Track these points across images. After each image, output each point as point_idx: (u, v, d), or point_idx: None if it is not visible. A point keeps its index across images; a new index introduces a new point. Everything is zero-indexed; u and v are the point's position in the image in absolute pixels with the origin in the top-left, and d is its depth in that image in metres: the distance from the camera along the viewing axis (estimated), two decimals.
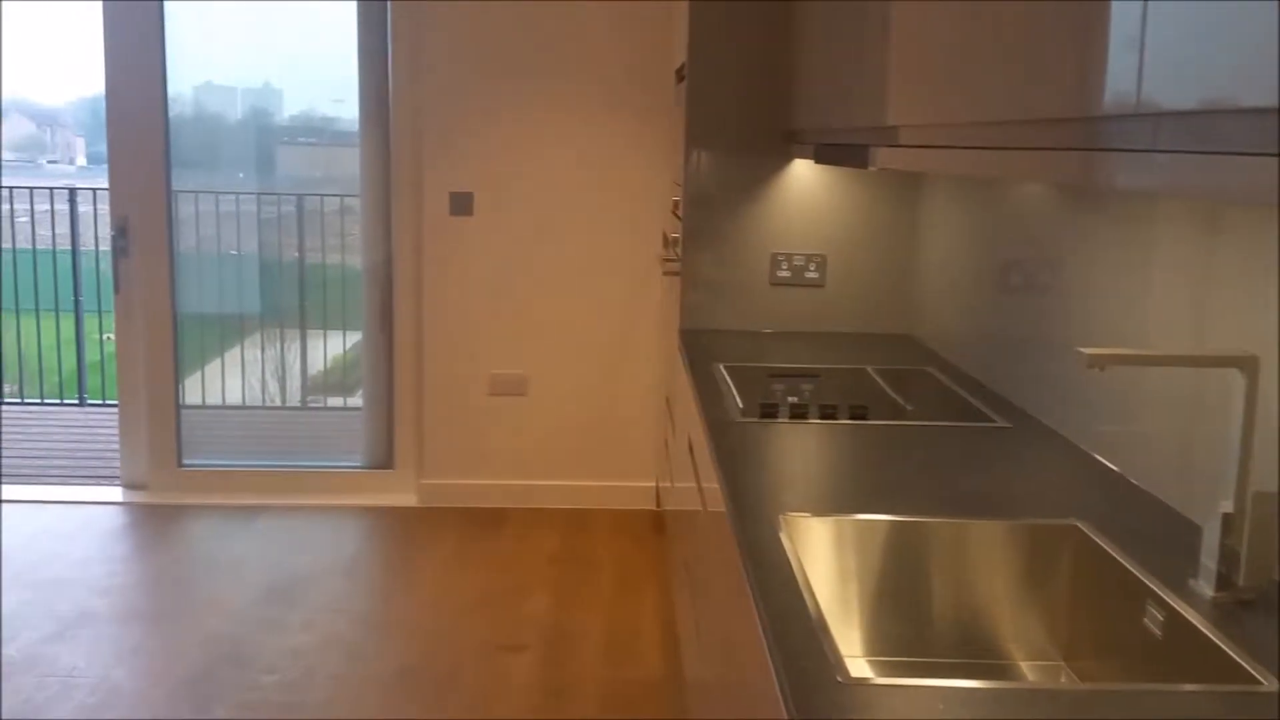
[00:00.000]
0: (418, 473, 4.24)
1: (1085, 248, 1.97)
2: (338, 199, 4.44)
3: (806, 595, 1.34)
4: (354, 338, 4.60)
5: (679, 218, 3.21)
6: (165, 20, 4.00)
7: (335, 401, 4.73)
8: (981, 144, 1.42)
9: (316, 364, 4.62)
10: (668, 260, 3.44)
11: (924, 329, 2.98)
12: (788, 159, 3.00)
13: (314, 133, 4.41)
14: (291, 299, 4.50)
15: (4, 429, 5.40)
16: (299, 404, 4.69)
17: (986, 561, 1.62)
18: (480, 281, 4.10)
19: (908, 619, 1.64)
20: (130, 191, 4.09)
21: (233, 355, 4.49)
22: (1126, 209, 1.82)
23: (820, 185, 3.02)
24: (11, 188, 6.60)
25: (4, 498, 4.15)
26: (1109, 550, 1.47)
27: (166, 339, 4.19)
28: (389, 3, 4.00)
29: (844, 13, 2.17)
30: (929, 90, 1.69)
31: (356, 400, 4.56)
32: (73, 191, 5.96)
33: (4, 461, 4.75)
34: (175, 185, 4.13)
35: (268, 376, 4.52)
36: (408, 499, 4.24)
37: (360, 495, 4.25)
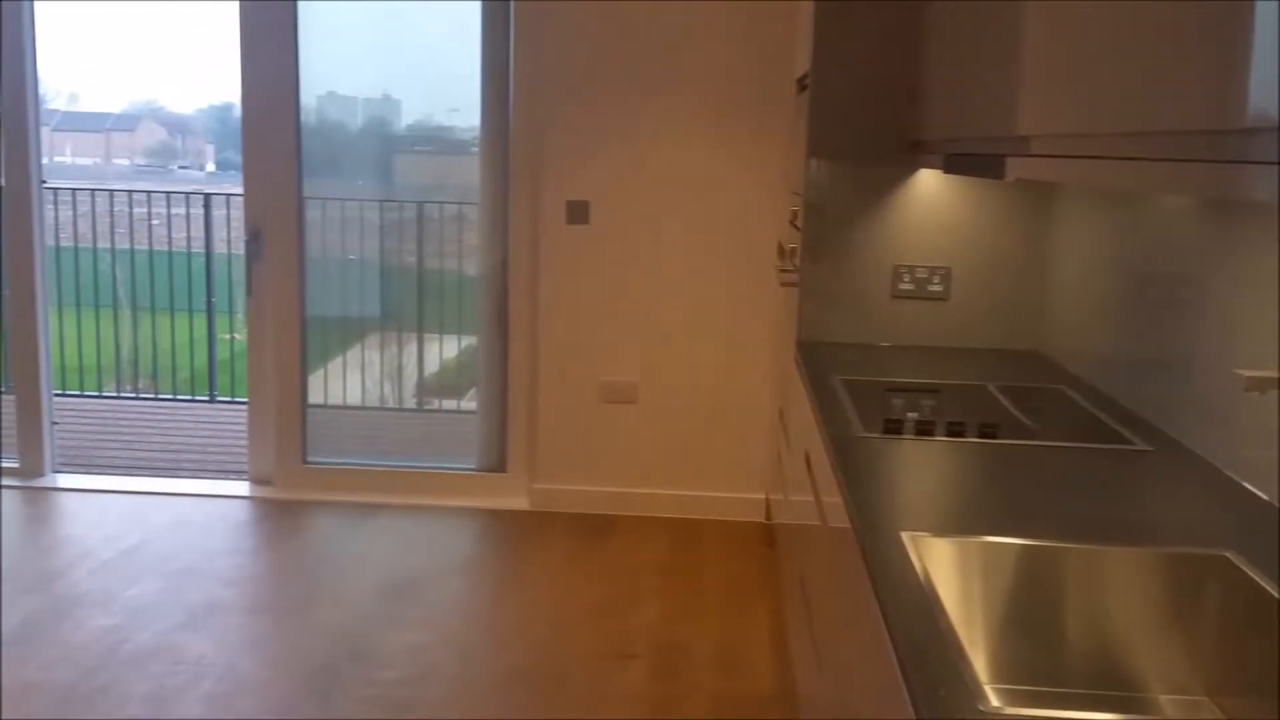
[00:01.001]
0: (529, 477, 4.29)
1: (1233, 262, 1.88)
2: (453, 206, 4.53)
3: (941, 618, 1.31)
4: (466, 342, 4.68)
5: (797, 228, 3.18)
6: (299, 31, 4.14)
7: (449, 404, 4.82)
8: (1118, 155, 1.37)
9: (431, 367, 4.72)
10: (784, 271, 3.41)
11: (1054, 345, 2.89)
12: (913, 169, 2.94)
13: (430, 141, 4.51)
14: (409, 303, 4.61)
15: (140, 423, 5.65)
16: (415, 406, 4.79)
17: (1125, 590, 1.56)
18: (594, 289, 4.13)
19: (1037, 647, 1.59)
20: (264, 198, 4.24)
21: (352, 357, 4.61)
22: (1276, 221, 1.73)
23: (946, 196, 2.96)
24: (148, 192, 6.94)
25: (140, 489, 4.34)
26: (1263, 584, 1.40)
27: (295, 340, 4.32)
28: (512, 3, 4.06)
29: (975, 17, 2.12)
30: (1063, 99, 1.64)
31: (469, 403, 4.64)
32: (207, 197, 6.21)
33: (141, 455, 4.98)
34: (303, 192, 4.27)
35: (385, 378, 4.63)
36: (519, 502, 4.29)
37: (473, 497, 4.32)
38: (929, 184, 2.96)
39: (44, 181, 4.38)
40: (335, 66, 4.24)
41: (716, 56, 3.94)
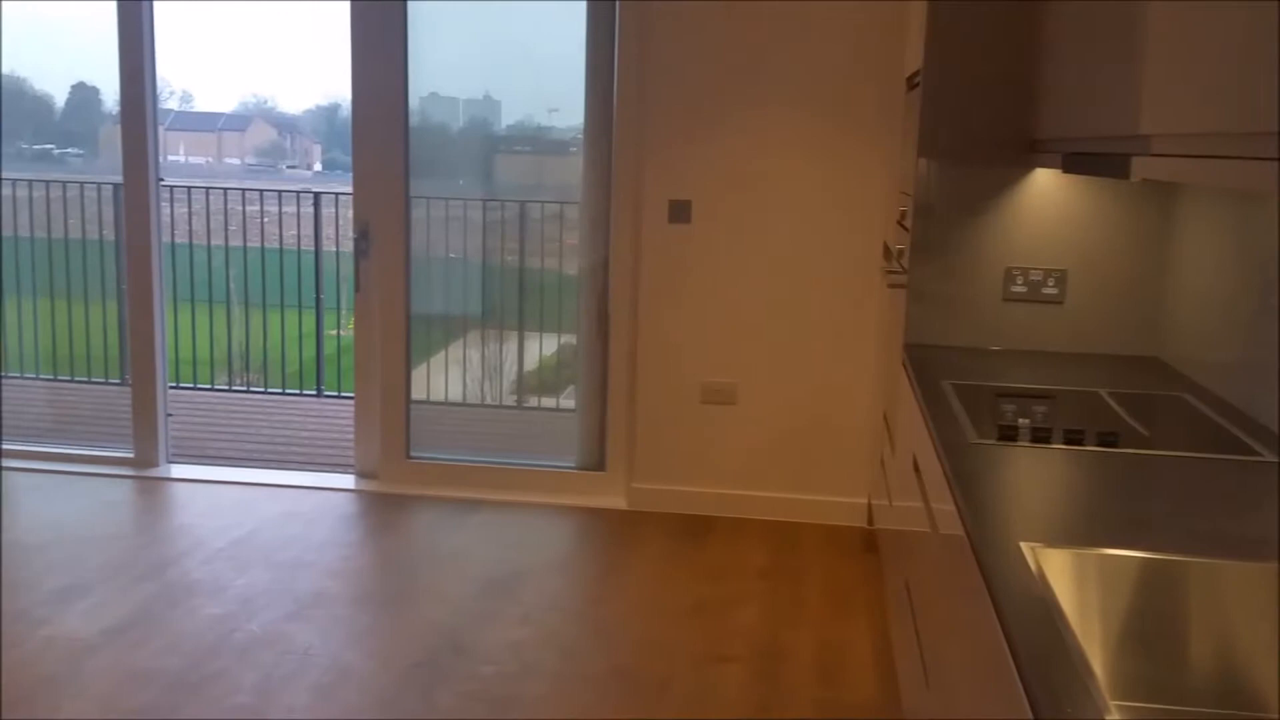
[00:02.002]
0: (628, 476, 4.30)
1: None
2: (553, 205, 4.57)
3: (1066, 632, 1.26)
4: (564, 340, 4.72)
5: (905, 229, 3.12)
6: (409, 33, 4.21)
7: (548, 402, 4.86)
8: (1248, 154, 1.31)
9: (530, 365, 4.76)
10: (891, 272, 3.35)
11: (1174, 351, 2.78)
12: (1028, 169, 2.86)
13: (529, 142, 4.55)
14: (509, 301, 4.66)
15: (249, 416, 5.82)
16: (514, 403, 4.84)
17: (1249, 607, 1.49)
18: (695, 289, 4.11)
19: (1158, 663, 1.52)
20: (372, 196, 4.33)
21: (453, 353, 4.68)
22: None
23: (1062, 196, 2.87)
24: (260, 191, 7.15)
25: (250, 481, 4.47)
26: None
27: (400, 337, 4.40)
28: (618, 2, 4.07)
29: (1095, 13, 2.05)
30: (1188, 97, 1.57)
31: (567, 401, 4.67)
32: (316, 195, 6.37)
33: (251, 447, 5.13)
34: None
35: (485, 375, 4.69)
36: (617, 501, 4.30)
37: (572, 495, 4.35)
38: (1044, 183, 2.88)
39: (161, 179, 4.53)
40: (438, 68, 4.30)
41: (822, 55, 3.90)
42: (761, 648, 3.12)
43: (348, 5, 4.20)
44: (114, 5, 4.29)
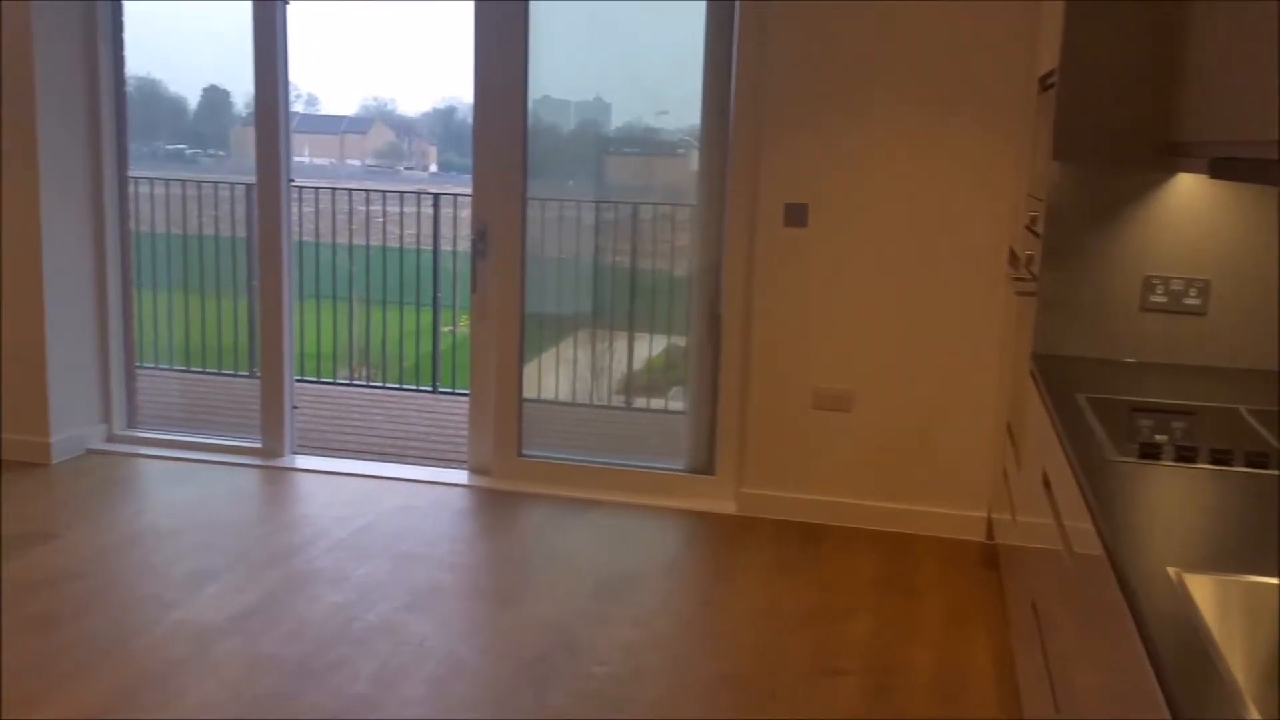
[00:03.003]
0: (738, 481, 4.27)
1: None
2: (661, 207, 4.57)
3: (1220, 662, 1.19)
4: (673, 342, 4.71)
5: (1035, 234, 3.02)
6: (530, 38, 4.26)
7: (657, 403, 4.86)
8: None
9: (639, 366, 4.77)
10: (1019, 280, 3.25)
11: None
12: (1169, 173, 2.74)
13: (638, 143, 4.57)
14: (618, 302, 4.67)
15: (368, 410, 5.95)
16: (623, 404, 4.85)
17: None
18: (810, 294, 4.06)
19: None
20: (491, 198, 4.39)
21: (564, 353, 4.72)
22: None
23: (1206, 203, 2.74)
24: (382, 191, 7.33)
25: (369, 473, 4.58)
26: None
27: (514, 336, 4.46)
28: (738, 2, 4.05)
29: (1253, 12, 1.95)
30: None
31: (675, 403, 4.66)
32: (436, 197, 6.50)
33: (369, 440, 5.25)
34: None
35: (595, 375, 4.71)
36: (727, 506, 4.27)
37: (680, 498, 4.34)
38: (1186, 189, 2.75)
39: (291, 180, 4.67)
40: (551, 72, 4.34)
41: (949, 55, 3.80)
42: (875, 661, 3.06)
43: (468, 9, 4.26)
44: (247, 11, 4.44)
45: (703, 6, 4.14)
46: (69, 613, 3.18)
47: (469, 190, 4.52)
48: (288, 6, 4.48)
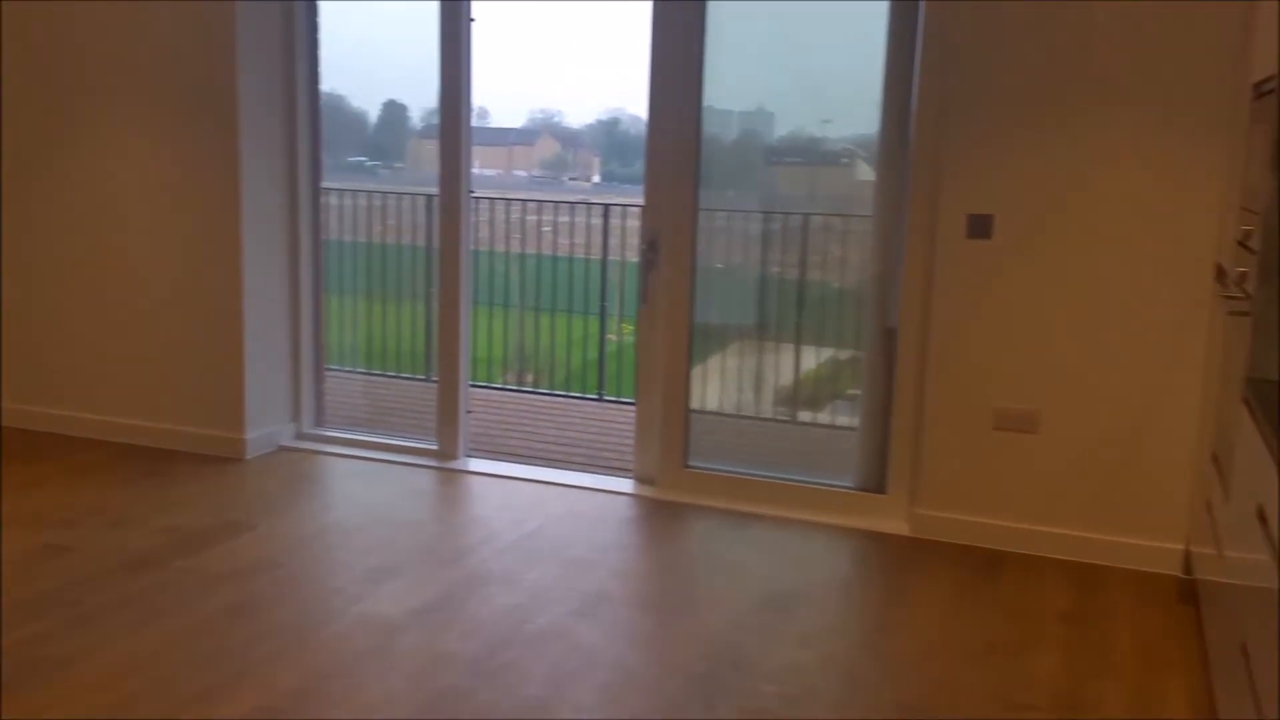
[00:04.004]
0: (911, 501, 4.15)
1: None
2: (828, 218, 4.49)
3: None
4: (842, 355, 4.62)
5: (1250, 250, 2.82)
6: (705, 51, 4.26)
7: (824, 418, 4.78)
8: None
9: (806, 379, 4.70)
10: (1229, 298, 3.04)
11: None
12: None
13: (801, 153, 4.51)
14: (783, 314, 4.62)
15: (534, 416, 6.06)
16: (789, 417, 4.79)
17: None
18: (994, 308, 3.91)
19: None
20: (662, 208, 4.41)
21: (729, 364, 4.69)
22: None
23: None
24: (555, 202, 7.48)
25: (537, 478, 4.65)
26: None
27: (682, 347, 4.46)
28: (921, 4, 3.95)
29: None
30: None
31: (843, 418, 4.57)
32: (606, 208, 6.58)
33: (537, 445, 5.34)
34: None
35: (759, 388, 4.67)
36: (898, 526, 4.16)
37: (849, 516, 4.25)
38: None
39: (470, 191, 4.80)
40: (714, 80, 4.33)
41: (1149, 60, 3.61)
42: (1063, 699, 2.91)
43: (638, 20, 4.31)
44: (427, 29, 4.59)
45: (881, 8, 4.06)
46: (263, 602, 3.34)
47: (631, 200, 4.55)
48: (471, 30, 4.62)
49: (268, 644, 3.06)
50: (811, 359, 4.72)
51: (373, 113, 5.71)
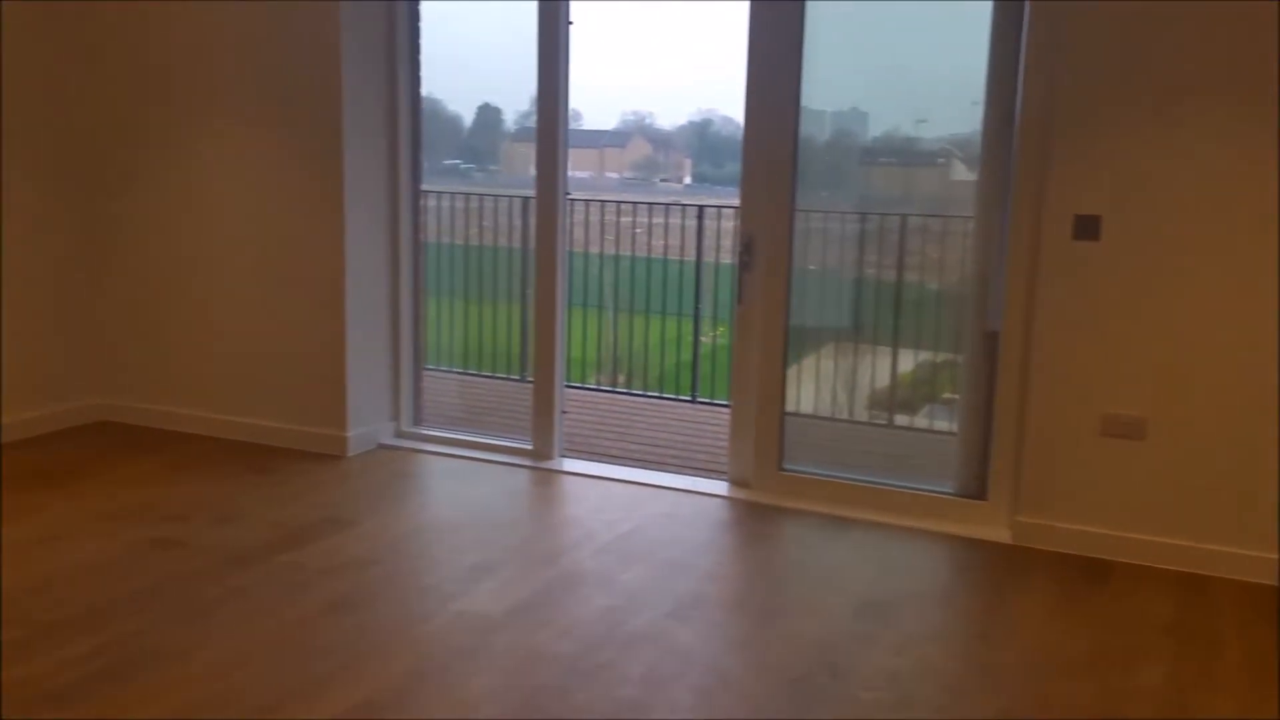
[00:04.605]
0: (1012, 508, 4.06)
1: None
2: (935, 219, 4.41)
3: None
4: (940, 358, 4.55)
5: None
6: (804, 52, 4.23)
7: (921, 421, 4.70)
8: None
9: (902, 382, 4.63)
10: None
11: None
12: None
13: (896, 154, 4.44)
14: (879, 316, 4.56)
15: (627, 416, 6.09)
16: (884, 421, 4.73)
17: None
18: (1101, 312, 3.80)
19: None
20: (758, 210, 4.38)
21: (823, 367, 4.64)
22: None
23: None
24: (650, 205, 7.50)
25: (631, 479, 4.67)
26: None
27: (778, 350, 4.43)
28: (1028, 2, 3.86)
29: None
30: None
31: (940, 421, 4.49)
32: (700, 209, 6.58)
33: (633, 446, 5.36)
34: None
35: (854, 390, 4.61)
36: (999, 534, 4.07)
37: (947, 522, 4.17)
38: None
39: (567, 193, 4.84)
40: (808, 81, 4.28)
41: (1268, 55, 3.47)
42: (1170, 714, 2.81)
43: (729, 23, 4.30)
44: (521, 33, 4.64)
45: (983, 7, 3.98)
46: (364, 597, 3.42)
47: (722, 202, 4.54)
48: (570, 33, 4.66)
49: (369, 638, 3.13)
50: (907, 362, 4.65)
51: (467, 116, 5.79)
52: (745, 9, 4.28)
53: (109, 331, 5.30)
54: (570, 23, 4.64)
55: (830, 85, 4.35)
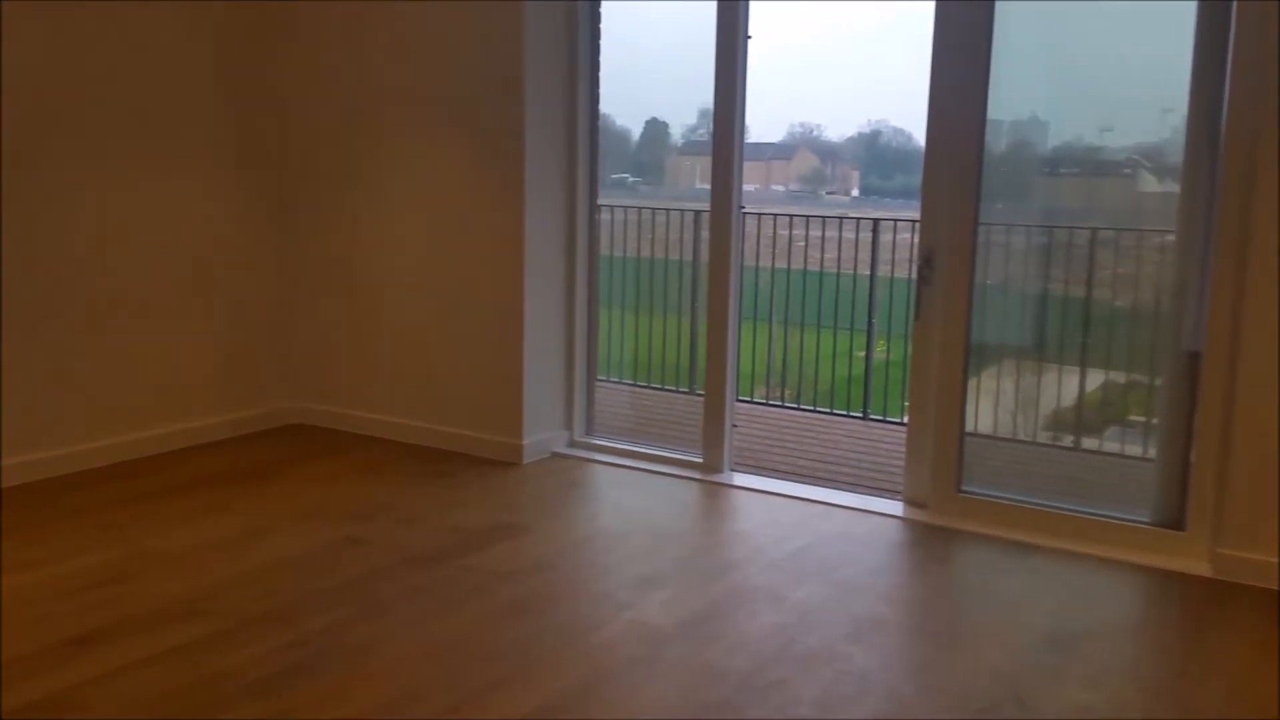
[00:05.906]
0: (1214, 540, 3.81)
1: None
2: (1129, 234, 4.18)
3: None
4: (1127, 379, 4.30)
5: None
6: (991, 66, 4.10)
7: (1111, 446, 4.46)
8: None
9: (1089, 404, 4.40)
10: None
11: None
12: None
13: (1078, 164, 4.22)
14: (1064, 333, 4.34)
15: (796, 431, 6.02)
16: (1071, 444, 4.50)
17: None
18: None
19: None
20: (939, 223, 4.26)
21: (1004, 386, 4.46)
22: None
23: None
24: (823, 218, 7.41)
25: (801, 495, 4.61)
26: None
27: (958, 367, 4.29)
28: (1234, 3, 3.63)
29: None
30: None
31: (1132, 446, 4.25)
32: (876, 223, 6.46)
33: (803, 462, 5.29)
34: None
35: (1037, 411, 4.41)
36: (1198, 566, 3.82)
37: (1141, 553, 3.94)
38: None
39: (741, 207, 4.82)
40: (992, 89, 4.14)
41: None
42: None
43: (900, 34, 4.20)
44: (688, 49, 4.66)
45: (1184, 9, 3.76)
46: (539, 602, 3.47)
47: (894, 214, 4.42)
48: (748, 48, 4.65)
49: (545, 643, 3.17)
50: (1094, 382, 4.42)
51: (635, 130, 5.85)
52: (927, 11, 4.17)
53: (302, 340, 5.58)
54: (749, 36, 4.64)
55: (1010, 93, 4.19)
